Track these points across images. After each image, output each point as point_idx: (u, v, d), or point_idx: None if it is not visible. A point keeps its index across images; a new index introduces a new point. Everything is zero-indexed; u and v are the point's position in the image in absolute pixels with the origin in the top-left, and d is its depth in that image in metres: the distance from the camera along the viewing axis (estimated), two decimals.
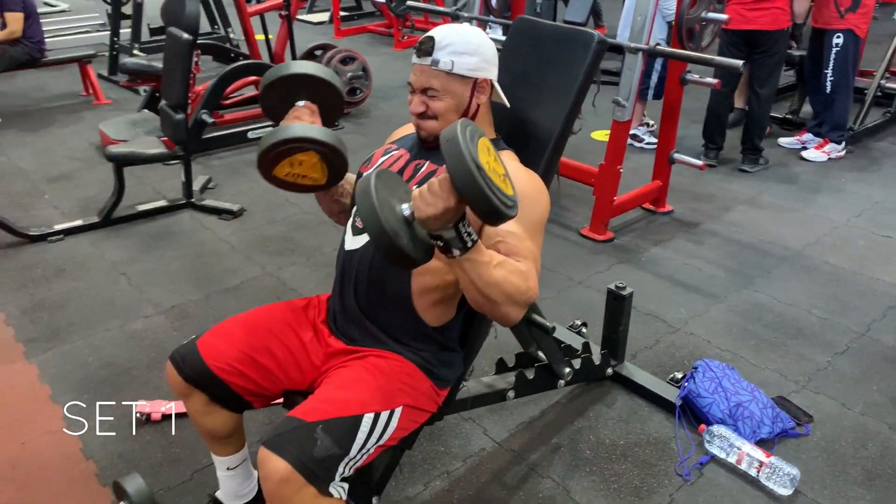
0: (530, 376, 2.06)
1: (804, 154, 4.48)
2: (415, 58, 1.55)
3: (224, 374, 1.54)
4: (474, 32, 1.57)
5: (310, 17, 8.91)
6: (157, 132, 4.03)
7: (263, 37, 5.68)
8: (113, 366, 2.52)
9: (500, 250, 1.41)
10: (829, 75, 4.31)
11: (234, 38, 6.49)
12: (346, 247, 1.64)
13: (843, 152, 4.48)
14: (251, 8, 5.44)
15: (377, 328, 1.59)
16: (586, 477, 2.05)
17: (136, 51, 5.93)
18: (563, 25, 1.91)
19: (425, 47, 1.52)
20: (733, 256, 3.30)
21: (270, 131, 1.57)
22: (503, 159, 1.54)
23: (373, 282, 1.57)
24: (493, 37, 2.66)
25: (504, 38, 2.19)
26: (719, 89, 3.74)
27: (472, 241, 1.27)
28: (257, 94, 5.26)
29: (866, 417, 2.27)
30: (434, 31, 1.54)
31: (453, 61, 1.51)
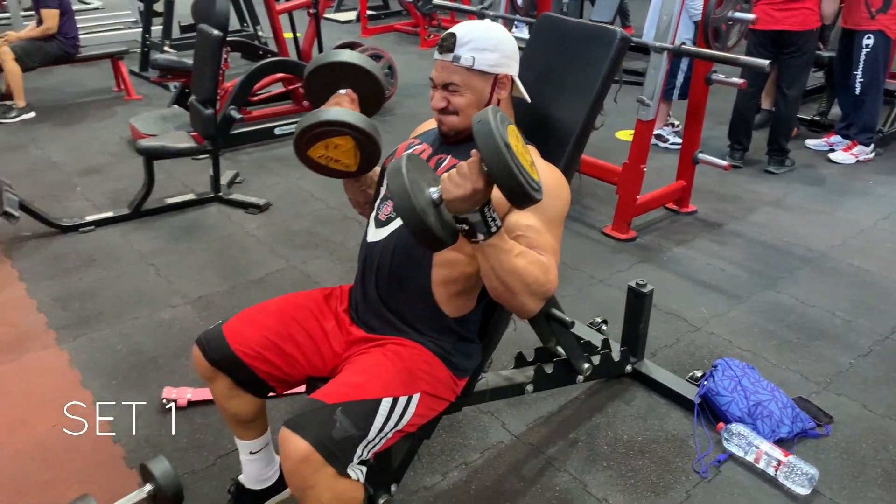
0: (549, 371, 2.08)
1: (832, 156, 4.44)
2: (437, 54, 1.58)
3: (248, 359, 1.58)
4: (495, 29, 1.59)
5: (337, 15, 8.99)
6: (186, 127, 4.11)
7: (291, 35, 5.75)
8: (141, 353, 2.58)
9: (520, 243, 1.44)
10: (859, 77, 4.27)
11: (262, 35, 6.58)
12: (369, 239, 1.67)
13: (871, 154, 4.43)
14: (280, 6, 5.50)
15: (397, 318, 1.62)
16: (603, 472, 2.06)
17: (166, 47, 6.04)
18: (586, 22, 1.93)
19: (447, 44, 1.55)
20: (757, 257, 3.28)
21: (311, 112, 1.61)
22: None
23: (394, 273, 1.61)
24: (519, 35, 2.68)
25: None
26: (745, 89, 3.72)
27: (496, 227, 1.32)
28: (285, 90, 5.34)
29: (888, 420, 2.25)
30: (456, 28, 1.57)
31: (474, 57, 1.54)
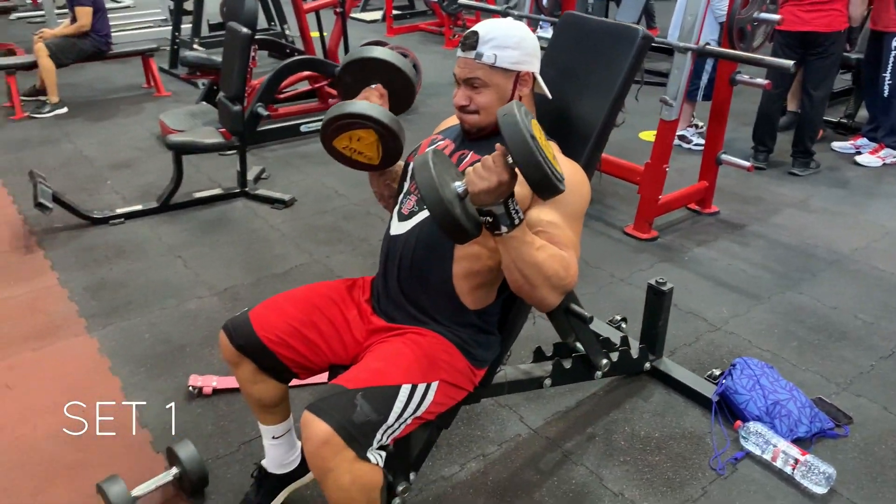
0: (567, 366, 2.10)
1: (858, 159, 4.40)
2: (459, 51, 1.61)
3: (272, 345, 1.63)
4: (517, 26, 1.62)
5: (363, 15, 9.06)
6: (214, 124, 4.19)
7: (318, 34, 5.82)
8: (168, 342, 2.65)
9: (541, 238, 1.46)
10: (888, 79, 4.23)
11: (289, 34, 6.66)
12: (392, 232, 1.71)
13: None
14: (307, 5, 5.57)
15: (418, 310, 1.66)
16: (619, 466, 2.08)
17: (196, 45, 6.15)
18: (609, 20, 1.96)
19: (470, 41, 1.58)
20: (778, 259, 3.27)
21: (338, 104, 1.66)
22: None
23: (416, 265, 1.64)
24: (543, 35, 2.70)
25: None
26: (770, 91, 3.71)
27: (518, 219, 1.35)
28: (311, 88, 5.40)
29: None
30: (478, 26, 1.60)
31: (496, 55, 1.57)
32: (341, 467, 1.38)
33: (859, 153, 4.44)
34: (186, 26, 6.52)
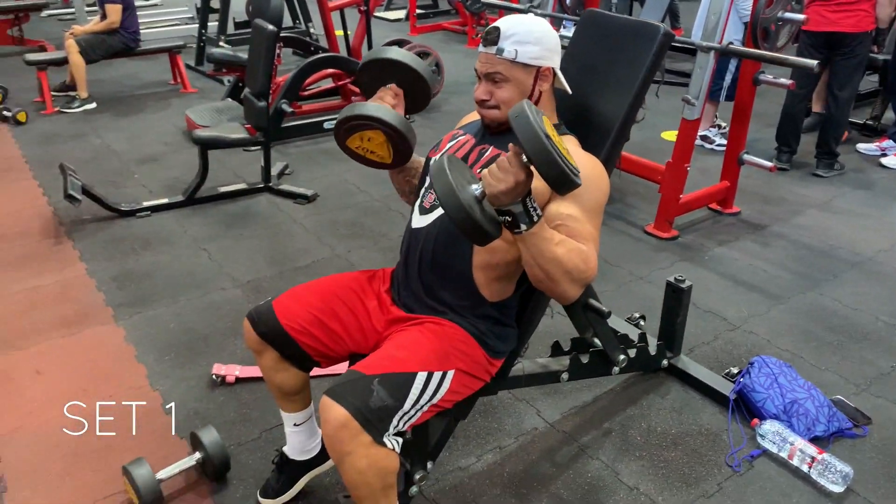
0: (585, 360, 2.12)
1: (883, 161, 4.36)
2: (481, 47, 1.64)
3: (295, 333, 1.67)
4: (537, 22, 1.64)
5: (387, 14, 9.11)
6: (239, 119, 4.25)
7: (342, 32, 5.87)
8: (192, 332, 2.70)
9: (560, 232, 1.49)
10: None
11: (314, 32, 6.73)
12: (413, 225, 1.74)
13: None
14: (332, 3, 5.62)
15: (437, 301, 1.68)
16: (635, 461, 2.09)
17: (222, 42, 6.23)
18: (630, 18, 1.97)
19: (491, 37, 1.61)
20: (800, 259, 3.26)
21: (348, 106, 1.71)
22: (564, 144, 1.62)
23: (436, 257, 1.67)
24: (567, 34, 2.71)
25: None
26: (795, 91, 3.68)
27: (537, 216, 1.38)
28: (335, 86, 5.45)
29: None
30: (500, 22, 1.63)
31: (517, 50, 1.59)
32: (358, 451, 1.41)
33: (885, 155, 4.40)
34: (213, 24, 6.61)
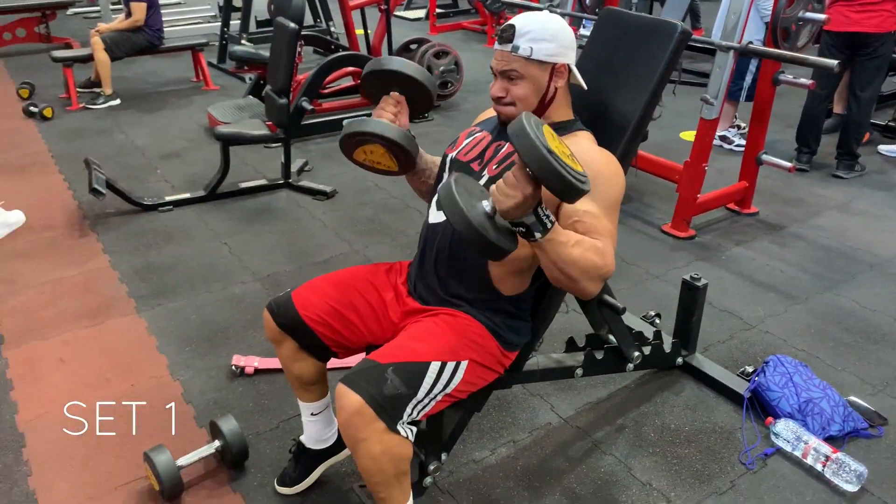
0: (599, 357, 2.13)
1: None
2: (496, 44, 1.66)
3: (313, 324, 1.70)
4: (553, 19, 1.66)
5: (407, 13, 9.15)
6: (260, 116, 4.30)
7: (363, 31, 5.91)
8: (212, 324, 2.75)
9: (577, 229, 1.51)
10: None
11: (334, 31, 6.78)
12: (430, 220, 1.76)
13: None
14: (352, 2, 5.66)
15: (452, 295, 1.71)
16: (648, 457, 2.10)
17: (244, 40, 6.29)
18: (647, 16, 1.98)
19: (507, 34, 1.63)
20: (818, 260, 3.24)
21: (348, 124, 1.76)
22: (578, 139, 1.64)
23: (453, 252, 1.69)
24: (586, 34, 2.73)
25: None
26: (816, 91, 3.67)
27: (550, 223, 1.39)
28: (355, 84, 5.49)
29: None
30: (515, 19, 1.65)
31: (532, 47, 1.61)
32: (372, 438, 1.44)
33: None
34: (235, 22, 6.68)
